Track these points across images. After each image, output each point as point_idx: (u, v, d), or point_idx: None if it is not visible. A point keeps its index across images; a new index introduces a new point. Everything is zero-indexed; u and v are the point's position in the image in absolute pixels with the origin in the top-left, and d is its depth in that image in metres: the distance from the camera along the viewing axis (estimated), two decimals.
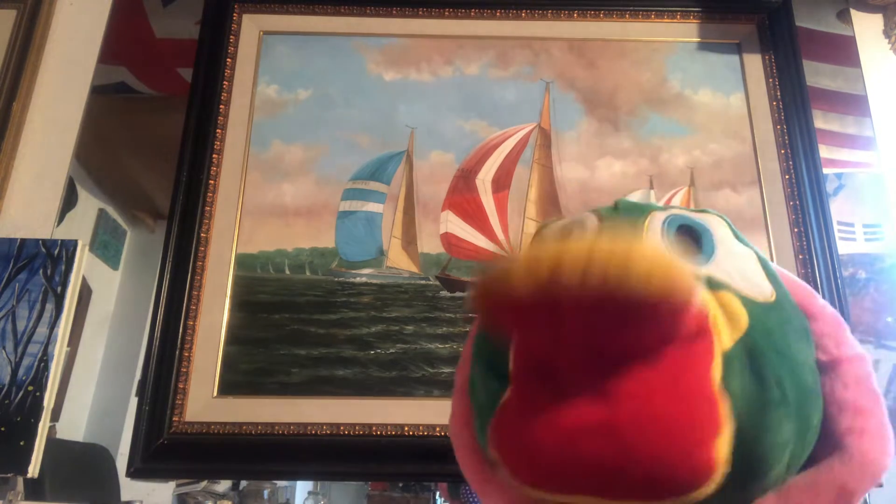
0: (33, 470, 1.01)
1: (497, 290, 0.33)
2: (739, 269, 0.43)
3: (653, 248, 0.33)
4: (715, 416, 0.34)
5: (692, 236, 0.44)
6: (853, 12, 1.41)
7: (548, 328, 0.32)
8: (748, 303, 0.40)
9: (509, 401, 0.38)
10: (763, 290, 0.42)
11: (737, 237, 0.47)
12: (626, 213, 0.46)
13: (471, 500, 1.62)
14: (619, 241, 0.31)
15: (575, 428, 0.34)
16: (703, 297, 0.36)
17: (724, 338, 0.37)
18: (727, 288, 0.40)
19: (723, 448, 0.34)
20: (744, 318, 0.39)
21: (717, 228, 0.45)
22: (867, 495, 1.09)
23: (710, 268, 0.42)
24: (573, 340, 0.33)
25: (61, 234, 1.17)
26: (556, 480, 0.35)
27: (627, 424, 0.33)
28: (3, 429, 1.02)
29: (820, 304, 0.46)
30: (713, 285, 0.40)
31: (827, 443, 0.41)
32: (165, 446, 1.06)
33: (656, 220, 0.44)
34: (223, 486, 2.73)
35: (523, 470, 0.37)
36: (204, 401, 1.10)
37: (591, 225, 0.45)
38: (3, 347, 1.07)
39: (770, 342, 0.39)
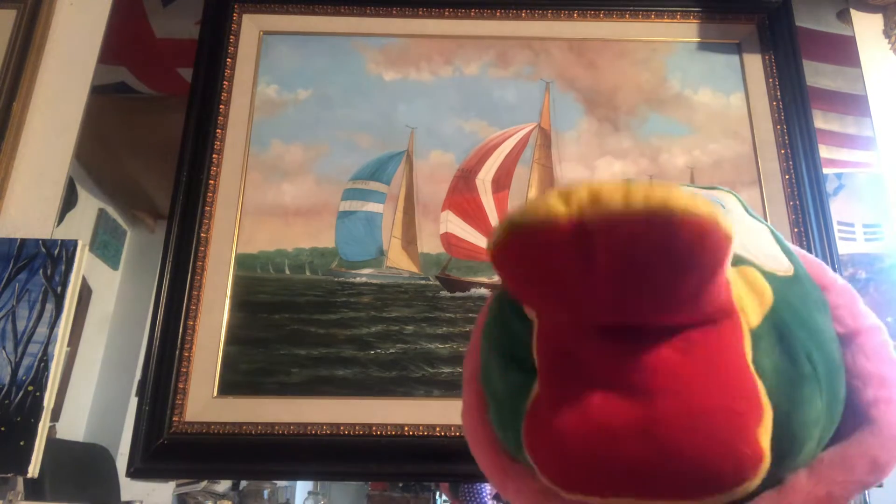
0: (33, 470, 1.01)
1: (527, 226, 0.30)
2: (757, 243, 0.42)
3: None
4: (756, 402, 0.33)
5: None
6: (853, 12, 1.41)
7: (576, 253, 0.29)
8: (770, 277, 0.38)
9: (538, 401, 0.36)
10: (782, 264, 0.41)
11: (748, 212, 0.46)
12: None
13: (470, 499, 1.62)
14: (655, 183, 0.29)
15: (609, 428, 0.32)
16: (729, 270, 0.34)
17: (751, 315, 0.36)
18: (749, 263, 0.39)
19: (766, 435, 0.33)
20: (768, 293, 0.37)
21: (730, 203, 0.45)
22: (867, 495, 1.09)
23: None
24: (608, 256, 0.29)
25: (61, 234, 1.17)
26: (593, 484, 0.34)
27: (665, 422, 0.32)
28: (3, 429, 1.02)
29: (831, 275, 0.45)
30: (735, 261, 0.38)
31: (853, 415, 0.40)
32: (165, 446, 1.06)
33: None
34: (223, 486, 2.73)
35: (559, 475, 0.35)
36: (204, 401, 1.10)
37: None
38: (3, 347, 1.07)
39: (796, 317, 0.38)
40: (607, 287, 0.30)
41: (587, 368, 0.33)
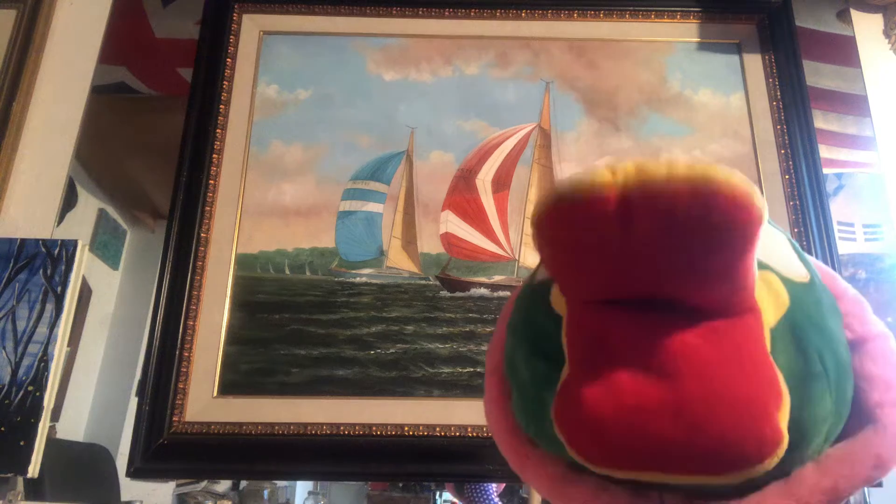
0: (33, 470, 1.01)
1: (572, 195, 0.32)
2: (776, 250, 0.44)
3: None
4: (776, 388, 0.35)
5: None
6: (853, 12, 1.41)
7: (621, 234, 0.31)
8: (787, 282, 0.41)
9: (569, 381, 0.38)
10: (798, 271, 0.44)
11: (767, 219, 0.48)
12: None
13: (476, 498, 1.62)
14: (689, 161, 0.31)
15: (641, 408, 0.34)
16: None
17: (769, 315, 0.38)
18: (768, 268, 0.41)
19: (784, 419, 0.35)
20: (785, 296, 0.40)
21: None
22: (867, 494, 1.09)
23: None
24: (645, 249, 0.32)
25: (61, 234, 1.17)
26: (623, 458, 0.36)
27: (693, 401, 0.34)
28: (3, 429, 1.02)
29: (843, 285, 0.48)
30: (756, 265, 0.41)
31: (859, 416, 0.42)
32: (165, 446, 1.06)
33: None
34: (223, 486, 2.73)
35: (590, 449, 0.37)
36: (204, 401, 1.10)
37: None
38: (3, 347, 1.07)
39: (810, 320, 0.40)
40: (645, 256, 0.32)
41: (618, 351, 0.36)
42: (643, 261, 0.33)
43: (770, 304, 0.39)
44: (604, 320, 0.36)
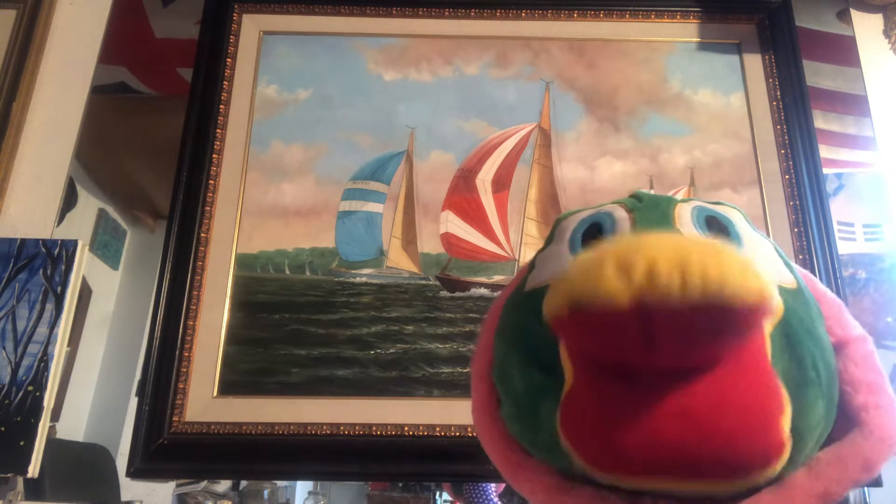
0: (33, 470, 1.01)
1: (587, 295, 0.32)
2: (765, 257, 0.45)
3: (738, 255, 0.33)
4: (779, 395, 0.37)
5: (718, 227, 0.46)
6: (853, 12, 1.40)
7: (640, 329, 0.32)
8: (779, 289, 0.42)
9: (577, 392, 0.38)
10: (787, 278, 0.45)
11: (752, 228, 0.49)
12: (651, 205, 0.47)
13: (475, 499, 1.62)
14: (702, 242, 0.32)
15: (652, 416, 0.35)
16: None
17: (766, 323, 0.39)
18: None
19: (787, 426, 0.36)
20: (779, 304, 0.40)
21: (737, 219, 0.47)
22: (867, 494, 1.09)
23: None
24: (665, 340, 0.33)
25: (61, 234, 1.17)
26: (636, 466, 0.37)
27: (702, 411, 0.35)
28: (3, 429, 1.02)
29: (822, 288, 0.49)
30: None
31: (844, 419, 0.43)
32: (165, 446, 1.06)
33: (684, 212, 0.46)
34: (223, 486, 2.73)
35: (601, 458, 0.38)
36: (204, 401, 1.10)
37: (622, 217, 0.46)
38: (3, 347, 1.07)
39: (802, 326, 0.41)
40: (663, 356, 0.34)
41: (630, 368, 0.36)
42: (661, 358, 0.34)
43: None
44: (636, 350, 0.36)
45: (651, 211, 0.46)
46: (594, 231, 0.46)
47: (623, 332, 0.33)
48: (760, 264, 0.41)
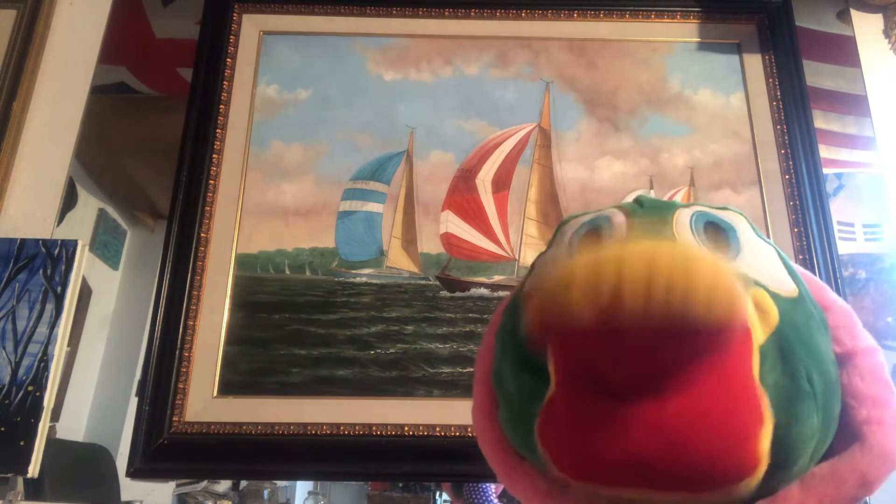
0: (33, 470, 1.01)
1: (555, 313, 0.33)
2: (765, 265, 0.44)
3: (710, 264, 0.33)
4: (758, 410, 0.36)
5: (718, 233, 0.45)
6: (853, 12, 1.40)
7: (607, 350, 0.33)
8: (776, 298, 0.41)
9: (557, 400, 0.38)
10: (787, 286, 0.43)
11: (756, 233, 0.47)
12: (651, 209, 0.46)
13: (473, 498, 1.62)
14: (676, 256, 0.32)
15: (626, 427, 0.35)
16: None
17: (758, 333, 0.38)
18: (757, 284, 0.41)
19: (765, 441, 0.36)
20: (774, 314, 0.40)
21: (740, 225, 0.46)
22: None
23: (738, 264, 0.42)
24: (631, 359, 0.33)
25: (61, 234, 1.17)
26: (610, 475, 0.37)
27: (676, 421, 0.35)
28: (3, 429, 1.02)
29: (832, 297, 0.47)
30: (746, 282, 0.40)
31: (845, 433, 0.42)
32: (165, 446, 1.06)
33: (683, 217, 0.45)
34: (223, 486, 2.73)
35: (575, 466, 0.38)
36: (204, 401, 1.10)
37: (619, 222, 0.45)
38: (3, 347, 1.07)
39: (798, 336, 0.40)
40: (635, 356, 0.34)
41: (609, 378, 0.36)
42: (632, 361, 0.34)
43: (759, 322, 0.39)
44: (606, 360, 0.36)
45: (649, 216, 0.46)
46: (593, 235, 0.46)
47: (591, 349, 0.33)
48: (748, 275, 0.41)
